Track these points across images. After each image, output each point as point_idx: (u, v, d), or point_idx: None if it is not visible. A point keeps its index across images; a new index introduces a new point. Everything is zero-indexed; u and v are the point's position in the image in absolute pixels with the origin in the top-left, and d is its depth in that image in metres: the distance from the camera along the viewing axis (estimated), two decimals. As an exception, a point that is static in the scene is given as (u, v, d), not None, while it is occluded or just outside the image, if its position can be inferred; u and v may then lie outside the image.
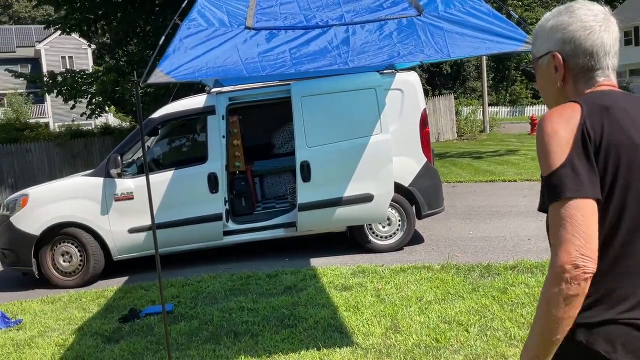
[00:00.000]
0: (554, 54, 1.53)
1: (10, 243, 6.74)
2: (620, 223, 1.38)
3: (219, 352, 4.31)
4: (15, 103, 40.10)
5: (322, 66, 3.37)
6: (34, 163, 19.25)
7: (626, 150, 1.38)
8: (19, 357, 4.59)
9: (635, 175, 1.37)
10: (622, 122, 1.40)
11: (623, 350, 1.34)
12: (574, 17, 1.51)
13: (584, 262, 1.31)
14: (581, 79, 1.52)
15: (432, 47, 3.41)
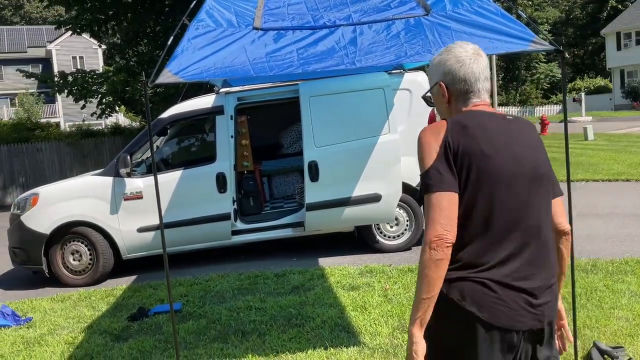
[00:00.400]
0: (439, 83, 2.01)
1: (21, 242, 6.80)
2: (476, 209, 1.83)
3: (226, 351, 4.33)
4: (26, 103, 40.43)
5: (330, 66, 3.37)
6: (45, 162, 19.40)
7: (477, 158, 1.83)
8: (29, 355, 4.63)
9: (484, 175, 1.83)
10: (475, 136, 1.85)
11: (470, 300, 1.80)
12: (450, 54, 1.98)
13: (445, 235, 1.76)
14: (460, 100, 1.99)
15: (440, 47, 3.39)
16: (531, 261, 1.86)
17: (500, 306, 1.81)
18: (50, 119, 36.40)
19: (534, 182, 1.90)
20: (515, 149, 1.90)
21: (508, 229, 1.85)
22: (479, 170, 1.83)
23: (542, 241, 1.90)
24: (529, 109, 46.45)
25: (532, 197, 1.89)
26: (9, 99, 45.34)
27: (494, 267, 1.82)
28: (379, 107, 6.49)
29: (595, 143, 18.12)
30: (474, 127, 1.88)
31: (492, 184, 1.84)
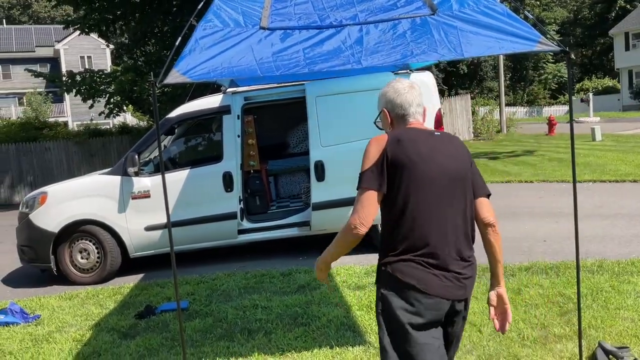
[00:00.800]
0: (383, 110, 2.61)
1: (29, 240, 6.86)
2: (408, 206, 2.35)
3: (232, 349, 4.35)
4: (34, 102, 40.69)
5: (336, 65, 3.38)
6: (53, 161, 19.51)
7: (407, 164, 2.34)
8: (37, 352, 4.67)
9: (412, 178, 2.35)
10: (406, 148, 2.37)
11: (408, 275, 2.34)
12: (390, 87, 2.61)
13: (361, 224, 2.33)
14: (400, 122, 2.57)
15: (446, 47, 3.41)
16: (456, 246, 2.41)
17: (433, 280, 2.34)
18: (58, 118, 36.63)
19: (453, 183, 2.41)
20: (438, 158, 2.41)
21: (432, 221, 2.37)
22: (409, 175, 2.36)
23: (461, 230, 2.43)
24: (537, 109, 46.30)
25: (452, 195, 2.41)
26: (17, 98, 45.64)
27: (427, 252, 2.35)
28: (386, 107, 6.49)
29: (602, 144, 18.05)
30: (406, 140, 2.40)
31: (419, 185, 2.36)
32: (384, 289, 2.39)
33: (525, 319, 4.48)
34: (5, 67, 46.81)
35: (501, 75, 26.78)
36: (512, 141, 22.31)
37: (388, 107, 2.59)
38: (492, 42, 3.42)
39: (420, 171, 2.36)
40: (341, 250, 2.48)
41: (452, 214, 2.40)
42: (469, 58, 4.27)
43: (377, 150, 2.39)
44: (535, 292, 5.03)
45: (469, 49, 3.42)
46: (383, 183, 2.36)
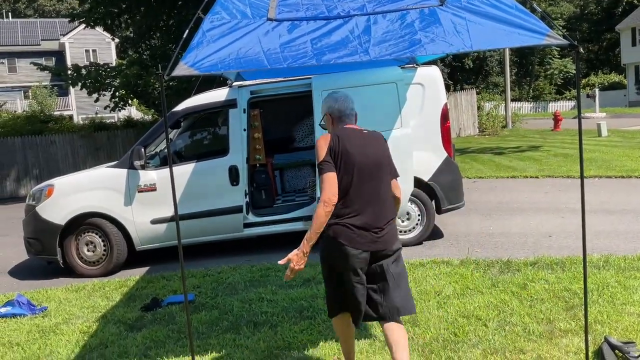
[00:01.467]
0: (327, 114, 3.48)
1: (36, 232, 6.89)
2: (352, 184, 3.18)
3: (238, 342, 4.37)
4: (39, 95, 40.77)
5: (344, 56, 3.37)
6: (58, 155, 19.57)
7: (346, 155, 3.18)
8: (44, 343, 4.70)
9: (349, 165, 3.17)
10: (344, 142, 3.22)
11: (342, 237, 3.15)
12: (330, 97, 3.52)
13: (332, 198, 3.12)
14: (338, 123, 3.42)
15: (455, 37, 3.39)
16: (376, 213, 3.23)
17: (355, 238, 3.17)
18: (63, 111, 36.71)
19: (376, 168, 3.28)
20: (366, 149, 3.28)
21: (363, 196, 3.21)
22: (347, 162, 3.20)
23: (382, 202, 3.27)
24: (542, 104, 46.14)
25: (375, 177, 3.26)
26: (22, 91, 45.76)
27: (355, 217, 3.18)
28: (392, 102, 6.49)
29: (608, 139, 17.97)
30: (344, 137, 3.27)
31: (354, 169, 3.20)
32: (323, 244, 3.26)
33: (530, 313, 4.48)
34: (10, 61, 46.91)
35: (507, 70, 26.69)
36: (517, 136, 22.24)
37: (330, 112, 3.47)
38: (501, 34, 3.40)
39: (353, 159, 3.22)
40: (321, 226, 3.15)
41: (375, 190, 3.26)
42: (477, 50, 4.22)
43: (325, 145, 3.25)
44: (541, 287, 5.03)
45: (478, 41, 3.40)
46: (335, 167, 3.19)
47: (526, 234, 7.15)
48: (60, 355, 4.43)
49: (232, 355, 4.13)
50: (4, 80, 46.21)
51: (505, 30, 3.42)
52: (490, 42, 3.45)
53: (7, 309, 5.55)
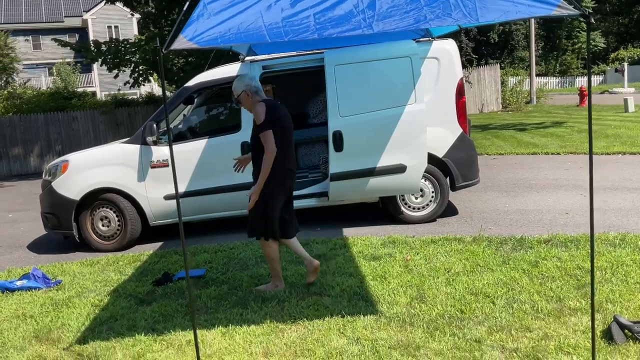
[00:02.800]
0: (244, 91, 4.66)
1: (52, 207, 6.98)
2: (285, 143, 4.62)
3: (245, 316, 4.39)
4: (63, 72, 41.17)
5: (346, 30, 3.30)
6: (80, 131, 19.80)
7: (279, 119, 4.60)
8: (56, 316, 4.79)
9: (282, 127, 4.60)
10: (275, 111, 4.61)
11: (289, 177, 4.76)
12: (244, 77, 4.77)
13: (274, 150, 4.49)
14: (255, 96, 4.67)
15: (461, 11, 3.29)
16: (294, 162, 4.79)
17: (288, 178, 4.71)
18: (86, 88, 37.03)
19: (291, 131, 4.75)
20: (288, 116, 4.73)
21: (290, 150, 4.70)
22: (281, 125, 4.57)
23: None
24: (569, 79, 45.15)
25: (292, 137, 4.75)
26: (47, 68, 46.26)
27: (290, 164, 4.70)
28: (406, 76, 6.38)
29: (635, 115, 17.54)
30: (272, 106, 4.62)
31: (284, 130, 4.61)
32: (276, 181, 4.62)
33: (540, 291, 4.41)
34: (35, 38, 47.38)
35: (532, 44, 26.10)
36: (541, 112, 21.83)
37: (248, 89, 4.65)
38: (510, 6, 3.28)
39: (284, 122, 4.64)
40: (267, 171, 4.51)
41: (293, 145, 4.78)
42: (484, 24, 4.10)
43: (263, 111, 4.52)
44: (553, 265, 4.95)
45: (485, 14, 3.30)
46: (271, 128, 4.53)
47: (542, 211, 7.03)
48: (71, 328, 4.50)
49: (237, 330, 4.16)
50: (28, 57, 46.69)
51: (514, 2, 3.30)
52: (498, 14, 3.34)
53: (22, 282, 5.66)
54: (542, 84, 32.34)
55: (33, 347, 4.22)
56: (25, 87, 25.10)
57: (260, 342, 3.94)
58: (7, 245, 7.96)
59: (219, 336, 4.10)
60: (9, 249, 7.69)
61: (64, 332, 4.44)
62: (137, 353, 3.94)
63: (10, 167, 19.25)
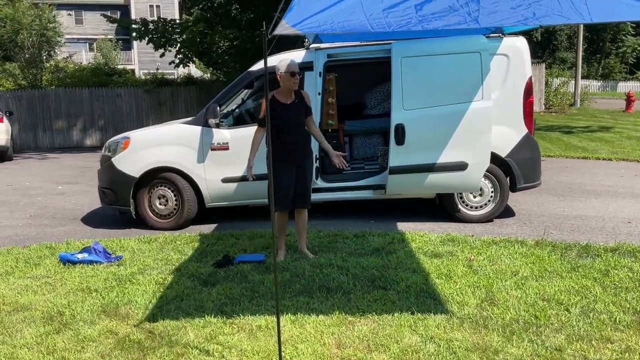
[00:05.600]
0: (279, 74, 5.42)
1: (111, 183, 7.05)
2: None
3: (312, 306, 4.37)
4: (104, 48, 41.62)
5: (452, 24, 3.22)
6: (123, 107, 20.03)
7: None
8: (121, 292, 4.83)
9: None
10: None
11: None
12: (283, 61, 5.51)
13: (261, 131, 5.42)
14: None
15: (572, 10, 3.18)
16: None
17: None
18: (126, 65, 37.43)
19: None
20: None
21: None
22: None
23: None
24: (611, 83, 44.09)
25: None
26: (87, 43, 46.82)
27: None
28: (474, 72, 6.27)
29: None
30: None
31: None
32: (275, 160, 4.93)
33: (615, 301, 4.30)
34: (77, 13, 47.93)
35: (579, 45, 25.53)
36: (586, 116, 21.39)
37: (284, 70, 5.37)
38: (622, 7, 3.17)
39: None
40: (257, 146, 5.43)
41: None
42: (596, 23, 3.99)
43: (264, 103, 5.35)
44: (625, 275, 4.82)
45: (596, 13, 3.18)
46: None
47: (604, 219, 6.86)
48: (138, 305, 4.54)
49: (306, 319, 4.14)
50: (70, 32, 47.24)
51: (626, 4, 3.18)
52: (609, 15, 3.22)
53: (84, 255, 5.72)
54: (584, 87, 31.64)
55: (103, 321, 4.27)
56: (69, 61, 25.44)
57: (331, 333, 3.92)
58: (61, 217, 8.08)
59: (288, 323, 4.09)
60: (62, 221, 7.81)
61: (131, 309, 4.47)
62: (209, 334, 3.95)
63: (54, 139, 19.60)
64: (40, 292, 4.91)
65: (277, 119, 5.26)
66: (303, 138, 5.53)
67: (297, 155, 5.47)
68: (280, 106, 5.34)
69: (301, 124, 5.46)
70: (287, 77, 5.32)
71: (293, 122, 5.38)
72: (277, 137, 5.24)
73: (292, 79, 5.33)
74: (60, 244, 6.39)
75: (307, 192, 5.65)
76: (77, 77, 21.80)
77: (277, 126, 5.25)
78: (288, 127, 5.34)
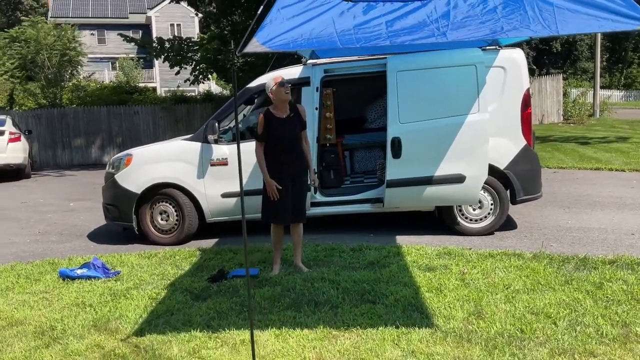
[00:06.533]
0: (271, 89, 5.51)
1: (114, 199, 7.18)
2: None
3: (299, 320, 4.39)
4: (126, 67, 42.41)
5: (419, 38, 3.27)
6: (140, 125, 20.38)
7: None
8: (114, 306, 4.91)
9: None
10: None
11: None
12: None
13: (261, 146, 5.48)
14: None
15: (540, 23, 3.20)
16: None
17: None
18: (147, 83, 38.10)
19: None
20: None
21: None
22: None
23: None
24: (634, 93, 43.39)
25: None
26: (110, 62, 47.78)
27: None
28: (470, 85, 6.26)
29: None
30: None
31: None
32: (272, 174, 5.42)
33: (605, 314, 4.23)
34: (100, 32, 49.02)
35: (597, 55, 25.25)
36: (604, 126, 21.08)
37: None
38: (591, 20, 3.18)
39: None
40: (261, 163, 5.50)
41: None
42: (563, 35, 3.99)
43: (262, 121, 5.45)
44: (619, 288, 4.74)
45: (565, 27, 3.20)
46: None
47: (607, 231, 6.76)
48: (128, 319, 4.61)
49: (290, 333, 4.16)
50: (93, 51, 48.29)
51: (596, 16, 3.18)
52: (579, 27, 3.24)
53: (83, 270, 5.83)
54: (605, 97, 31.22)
55: (92, 335, 4.34)
56: (90, 80, 26.02)
57: (313, 347, 3.93)
58: (68, 233, 8.25)
59: (272, 338, 4.12)
60: (69, 237, 7.97)
61: (121, 323, 4.54)
62: (193, 349, 3.99)
63: (72, 156, 20.00)
64: (36, 307, 5.01)
65: (273, 133, 5.38)
66: (299, 152, 5.57)
67: (292, 169, 5.53)
68: (276, 120, 5.41)
69: (297, 138, 5.52)
70: (277, 89, 5.38)
71: (289, 136, 5.44)
72: (274, 151, 5.40)
73: (282, 89, 5.37)
74: (63, 260, 6.52)
75: (302, 206, 5.69)
76: (98, 96, 22.30)
77: (273, 140, 5.39)
78: (284, 141, 5.43)
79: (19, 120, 18.17)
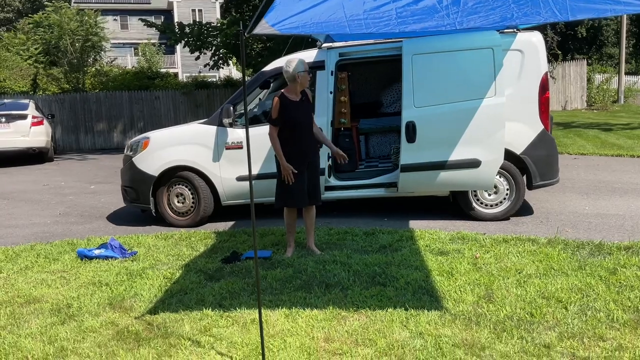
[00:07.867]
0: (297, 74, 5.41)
1: (132, 181, 7.29)
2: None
3: (309, 300, 4.44)
4: (148, 52, 42.64)
5: (429, 27, 3.24)
6: (161, 109, 20.55)
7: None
8: (130, 285, 5.00)
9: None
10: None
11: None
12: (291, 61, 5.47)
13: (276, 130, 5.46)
14: None
15: (551, 9, 3.15)
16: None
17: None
18: (169, 69, 38.28)
19: None
20: None
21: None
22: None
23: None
24: (662, 79, 42.35)
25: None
26: (132, 48, 48.09)
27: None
28: (486, 68, 6.20)
29: None
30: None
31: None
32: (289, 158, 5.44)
33: (617, 300, 4.20)
34: (123, 18, 49.30)
35: (622, 40, 24.71)
36: (629, 113, 20.68)
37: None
38: (603, 4, 3.12)
39: None
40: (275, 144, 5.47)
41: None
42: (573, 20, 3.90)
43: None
44: (633, 273, 4.69)
45: (577, 12, 3.15)
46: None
47: (624, 217, 6.67)
48: (143, 298, 4.70)
49: (300, 313, 4.21)
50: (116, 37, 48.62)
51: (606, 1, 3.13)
52: (591, 12, 3.18)
53: (100, 250, 5.95)
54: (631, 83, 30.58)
55: (107, 313, 4.44)
56: (112, 66, 26.24)
57: (322, 327, 3.97)
58: (88, 215, 8.39)
59: (282, 317, 4.17)
60: (89, 219, 8.11)
61: (136, 302, 4.63)
62: (204, 327, 4.06)
63: (95, 141, 20.27)
64: (54, 285, 5.13)
65: (290, 117, 5.39)
66: (313, 135, 5.63)
67: (309, 152, 5.58)
68: (292, 104, 5.43)
69: (311, 121, 5.59)
70: (304, 75, 5.40)
71: (305, 119, 5.51)
72: (291, 135, 5.41)
73: (308, 77, 5.47)
74: (81, 240, 6.64)
75: (317, 189, 5.73)
76: (120, 81, 22.48)
77: (290, 123, 5.40)
78: (301, 124, 5.47)
79: (42, 104, 18.43)
